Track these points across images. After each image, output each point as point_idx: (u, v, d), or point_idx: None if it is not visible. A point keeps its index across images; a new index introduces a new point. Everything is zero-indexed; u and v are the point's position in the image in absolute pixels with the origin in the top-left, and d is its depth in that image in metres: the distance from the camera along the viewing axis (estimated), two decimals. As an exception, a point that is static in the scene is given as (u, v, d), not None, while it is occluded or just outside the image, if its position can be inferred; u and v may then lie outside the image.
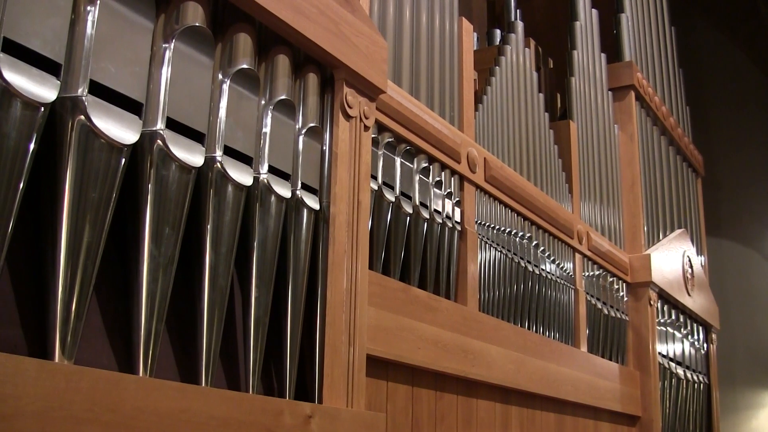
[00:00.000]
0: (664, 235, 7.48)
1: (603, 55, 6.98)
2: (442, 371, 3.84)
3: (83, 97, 2.05)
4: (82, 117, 2.05)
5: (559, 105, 6.78)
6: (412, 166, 3.88)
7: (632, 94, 7.15)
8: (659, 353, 6.74)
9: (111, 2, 2.16)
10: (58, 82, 2.00)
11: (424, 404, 3.78)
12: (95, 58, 2.10)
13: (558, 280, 5.33)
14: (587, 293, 5.81)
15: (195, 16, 2.44)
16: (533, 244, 5.06)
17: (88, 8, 2.12)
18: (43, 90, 1.95)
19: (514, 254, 4.81)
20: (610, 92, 7.01)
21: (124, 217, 2.25)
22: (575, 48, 6.54)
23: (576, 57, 6.49)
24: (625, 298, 6.57)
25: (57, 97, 1.99)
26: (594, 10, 6.98)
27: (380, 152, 3.63)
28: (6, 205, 1.86)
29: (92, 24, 2.11)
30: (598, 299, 6.01)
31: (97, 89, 2.10)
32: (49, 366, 1.87)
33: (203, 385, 2.35)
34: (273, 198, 2.67)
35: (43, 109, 1.95)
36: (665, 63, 8.52)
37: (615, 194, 6.73)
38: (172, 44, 2.36)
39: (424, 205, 3.92)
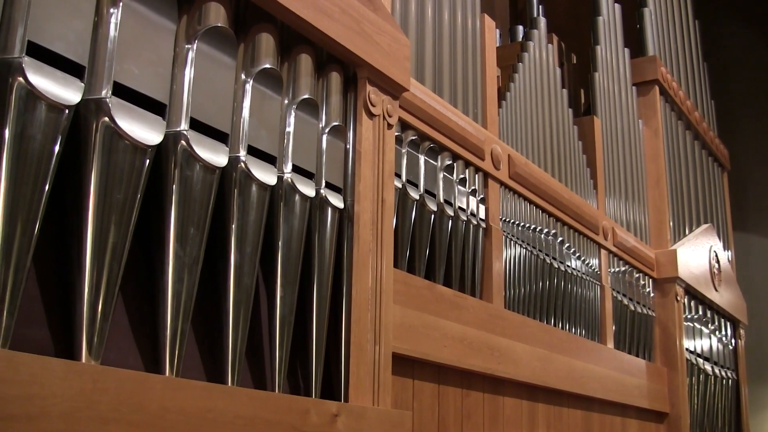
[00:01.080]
0: (690, 230, 7.44)
1: (626, 50, 6.95)
2: (468, 369, 3.84)
3: (107, 99, 2.06)
4: (106, 119, 2.05)
5: (582, 101, 6.76)
6: (436, 163, 3.87)
7: (656, 88, 7.12)
8: (686, 349, 6.70)
9: (133, 4, 2.17)
10: (82, 84, 2.00)
11: (451, 402, 3.77)
12: (118, 60, 2.11)
13: (584, 276, 5.32)
14: (613, 289, 5.79)
15: (217, 16, 2.45)
16: (558, 241, 5.04)
17: (111, 10, 2.13)
18: (67, 92, 1.96)
19: (540, 251, 4.80)
20: (634, 87, 6.98)
21: (149, 218, 2.25)
22: (598, 43, 6.51)
23: (599, 52, 6.46)
24: (652, 294, 6.54)
25: (81, 100, 2.00)
26: (617, 5, 6.95)
27: (404, 150, 3.63)
28: (32, 206, 1.87)
29: (115, 26, 2.12)
30: (624, 295, 5.99)
31: (121, 91, 2.10)
32: (76, 366, 1.88)
33: (229, 384, 2.35)
34: (297, 197, 2.68)
35: (67, 111, 1.96)
36: (689, 57, 8.48)
37: (640, 189, 6.70)
38: (195, 45, 2.36)
39: (448, 202, 3.92)
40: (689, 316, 6.93)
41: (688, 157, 7.81)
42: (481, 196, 4.28)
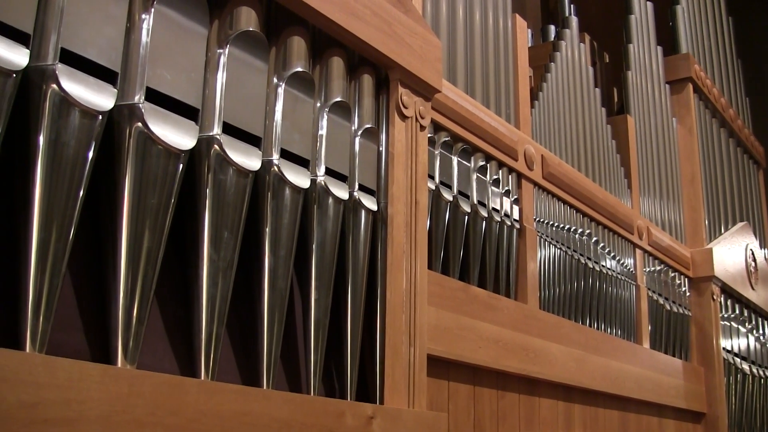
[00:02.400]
0: (726, 229, 7.39)
1: (659, 47, 6.91)
2: (504, 370, 3.82)
3: (140, 105, 2.07)
4: (140, 124, 2.06)
5: (616, 100, 6.73)
6: (469, 164, 3.87)
7: (690, 86, 7.07)
8: (723, 348, 6.65)
9: (165, 10, 2.17)
10: (115, 90, 2.01)
11: (486, 403, 3.76)
12: (151, 66, 2.12)
13: (619, 276, 5.29)
14: (649, 289, 5.75)
15: (248, 21, 2.45)
16: (593, 241, 5.02)
17: (143, 16, 2.14)
18: (100, 98, 1.97)
19: (574, 251, 4.78)
20: (667, 85, 6.94)
21: (183, 222, 2.26)
22: (631, 41, 6.48)
23: (632, 51, 6.43)
24: (688, 293, 6.49)
25: (114, 105, 2.01)
26: (649, 3, 6.91)
27: (437, 152, 3.62)
28: (67, 212, 1.88)
29: (147, 32, 2.13)
30: (659, 295, 5.95)
31: (154, 96, 2.11)
32: (112, 371, 1.89)
33: (264, 387, 2.36)
34: (330, 200, 2.68)
35: (100, 117, 1.97)
36: (723, 54, 8.42)
37: (675, 188, 6.66)
38: (227, 49, 2.37)
39: (482, 203, 3.91)
40: (726, 315, 6.87)
41: (723, 155, 7.75)
42: (515, 196, 4.27)
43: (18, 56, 1.82)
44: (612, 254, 5.26)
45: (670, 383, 5.72)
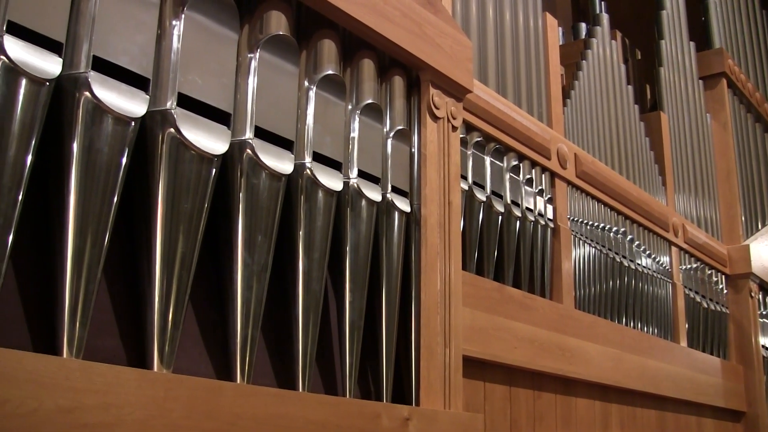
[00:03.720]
0: (763, 225, 7.32)
1: (692, 43, 6.86)
2: (540, 370, 3.81)
3: (172, 110, 2.08)
4: (172, 130, 2.07)
5: (648, 96, 6.69)
6: (501, 164, 3.86)
7: (724, 81, 7.02)
8: (763, 346, 6.59)
9: (196, 16, 2.18)
10: (147, 96, 2.03)
11: (522, 404, 3.75)
12: (182, 71, 2.13)
13: (654, 274, 5.26)
14: (685, 287, 5.71)
15: (279, 25, 2.46)
16: (628, 239, 4.99)
17: (174, 23, 2.15)
18: (133, 105, 1.98)
19: (609, 249, 4.75)
20: (700, 81, 6.89)
21: (217, 227, 2.27)
22: (663, 38, 6.44)
23: (664, 47, 6.39)
24: (725, 291, 6.44)
25: (147, 112, 2.02)
26: (680, -2, 6.88)
27: (469, 152, 3.62)
28: (101, 218, 1.89)
29: (178, 38, 2.14)
30: (696, 292, 5.91)
31: (186, 102, 2.12)
32: (149, 375, 1.90)
33: (300, 390, 2.36)
34: (363, 202, 2.68)
35: (133, 123, 1.98)
36: (757, 48, 8.35)
37: (710, 185, 6.61)
38: (258, 54, 2.38)
39: (515, 203, 3.90)
40: (764, 312, 6.81)
41: (759, 150, 7.68)
42: (549, 195, 4.25)
43: (51, 65, 1.84)
44: (647, 252, 5.24)
45: (709, 382, 5.68)
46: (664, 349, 5.10)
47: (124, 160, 1.96)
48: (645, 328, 5.04)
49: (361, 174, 2.71)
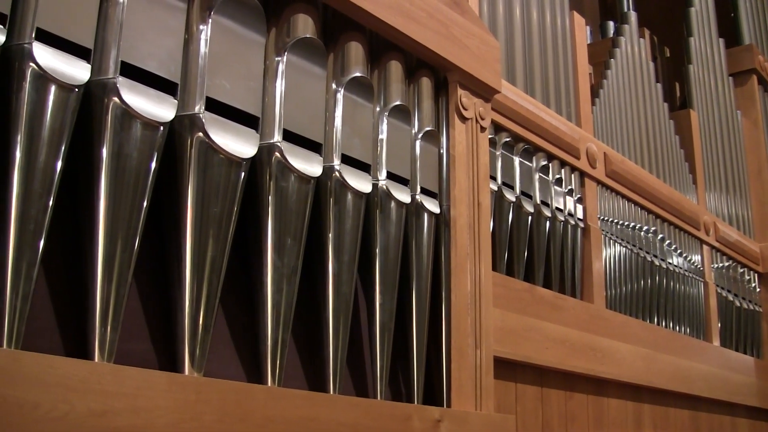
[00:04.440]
0: (796, 222, 7.27)
1: (721, 39, 6.81)
2: (571, 370, 3.80)
3: (200, 115, 2.09)
4: (201, 134, 2.08)
5: (678, 94, 6.65)
6: (531, 164, 3.85)
7: (754, 78, 6.96)
8: (797, 344, 6.54)
9: (222, 20, 2.19)
10: (176, 101, 2.03)
11: (554, 405, 3.74)
12: (210, 76, 2.13)
13: (686, 273, 5.23)
14: (717, 285, 5.67)
15: (306, 27, 2.46)
16: (659, 238, 4.97)
17: (201, 27, 2.16)
18: (161, 110, 1.99)
19: (640, 249, 4.73)
20: (730, 78, 6.83)
21: (246, 230, 2.28)
22: (692, 35, 6.40)
23: (693, 44, 6.35)
24: (758, 289, 6.39)
25: (175, 116, 2.03)
26: (709, -5, 6.83)
27: (498, 152, 3.61)
28: (131, 223, 1.90)
29: (205, 42, 2.15)
30: (729, 291, 5.87)
31: (214, 106, 2.13)
32: (180, 378, 1.91)
33: (331, 392, 2.36)
34: (393, 204, 2.68)
35: (162, 128, 1.99)
36: (788, 44, 8.29)
37: (741, 182, 6.56)
38: (285, 57, 2.38)
39: (545, 203, 3.89)
40: (798, 311, 6.76)
41: (791, 147, 7.63)
42: (578, 195, 4.24)
43: (80, 71, 1.85)
44: (678, 251, 5.21)
45: (742, 381, 5.63)
46: (697, 349, 5.07)
47: (153, 165, 1.97)
48: (677, 328, 5.02)
49: (390, 176, 2.71)
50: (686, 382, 4.83)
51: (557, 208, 3.99)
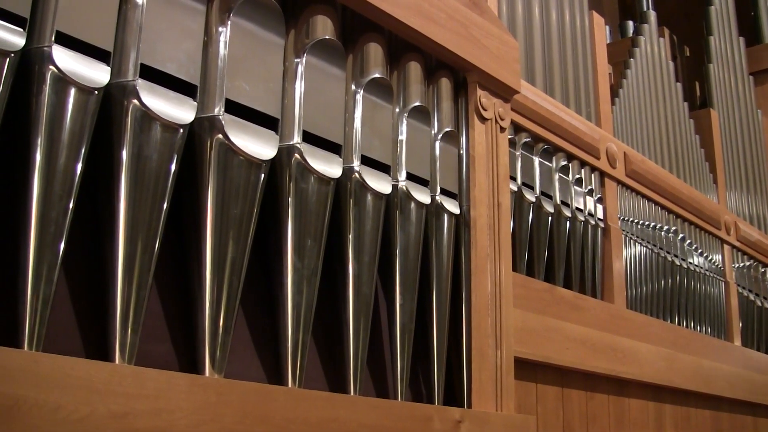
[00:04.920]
0: (817, 221, 7.23)
1: (741, 38, 6.78)
2: (592, 371, 3.78)
3: (220, 116, 2.09)
4: (220, 136, 2.08)
5: (698, 94, 6.63)
6: (551, 164, 3.84)
7: (775, 77, 6.94)
8: (818, 344, 6.50)
9: (241, 22, 2.19)
10: (195, 103, 2.04)
11: (575, 405, 3.73)
12: (229, 78, 2.13)
13: (707, 273, 5.21)
14: (738, 285, 5.65)
15: (324, 29, 2.46)
16: (679, 238, 4.95)
17: (220, 29, 2.16)
18: (181, 112, 1.99)
19: (660, 249, 4.71)
20: (751, 77, 6.80)
21: (266, 232, 2.28)
22: (712, 33, 6.38)
23: (713, 43, 6.33)
24: (780, 289, 6.37)
25: (195, 118, 2.03)
26: (729, -7, 6.80)
27: (518, 153, 3.60)
28: (151, 225, 1.91)
29: (224, 44, 2.15)
30: (750, 291, 5.84)
31: (233, 107, 2.13)
32: (200, 380, 1.91)
33: (351, 393, 2.36)
34: (413, 204, 2.67)
35: (181, 130, 1.99)
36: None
37: (762, 181, 6.53)
38: (304, 58, 2.38)
39: (565, 203, 3.88)
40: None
41: (812, 146, 7.59)
42: (599, 195, 4.22)
43: (99, 74, 1.85)
44: (699, 251, 5.19)
45: (764, 381, 5.60)
46: (718, 349, 5.05)
47: (173, 167, 1.97)
48: (698, 328, 5.00)
49: (410, 176, 2.71)
50: (708, 383, 4.81)
51: (577, 208, 3.98)
